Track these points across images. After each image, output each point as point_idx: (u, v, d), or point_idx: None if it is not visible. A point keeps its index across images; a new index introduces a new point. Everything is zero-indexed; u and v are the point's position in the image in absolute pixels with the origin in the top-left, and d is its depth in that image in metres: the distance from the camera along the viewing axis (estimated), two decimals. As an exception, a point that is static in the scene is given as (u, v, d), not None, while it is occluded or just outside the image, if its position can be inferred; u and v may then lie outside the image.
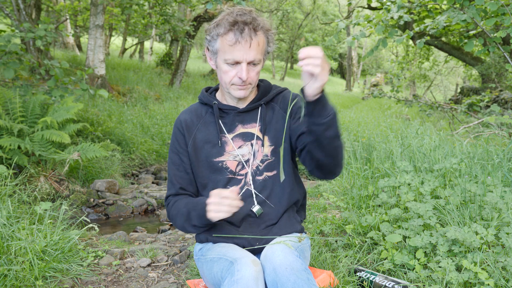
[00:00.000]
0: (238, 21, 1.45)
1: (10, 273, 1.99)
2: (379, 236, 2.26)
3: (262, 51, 1.51)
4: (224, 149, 1.61)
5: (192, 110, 1.70)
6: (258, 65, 1.52)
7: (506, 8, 3.54)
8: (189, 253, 2.57)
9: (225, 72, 1.52)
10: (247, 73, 1.49)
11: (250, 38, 1.46)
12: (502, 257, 1.84)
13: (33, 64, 5.42)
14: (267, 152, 1.61)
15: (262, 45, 1.51)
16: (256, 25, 1.48)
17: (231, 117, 1.63)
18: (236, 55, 1.46)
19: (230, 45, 1.46)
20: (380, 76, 26.09)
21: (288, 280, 1.29)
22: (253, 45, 1.47)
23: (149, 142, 6.22)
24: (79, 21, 14.49)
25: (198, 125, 1.66)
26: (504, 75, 9.60)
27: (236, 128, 1.63)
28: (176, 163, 1.66)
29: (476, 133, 4.49)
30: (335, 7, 33.33)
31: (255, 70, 1.52)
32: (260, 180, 1.60)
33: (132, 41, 21.80)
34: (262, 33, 1.50)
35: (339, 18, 4.80)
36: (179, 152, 1.66)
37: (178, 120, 1.68)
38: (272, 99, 1.68)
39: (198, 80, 13.73)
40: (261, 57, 1.52)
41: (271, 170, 1.60)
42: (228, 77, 1.52)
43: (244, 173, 1.60)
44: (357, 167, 3.55)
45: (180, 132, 1.66)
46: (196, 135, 1.64)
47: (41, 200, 3.78)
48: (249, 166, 1.60)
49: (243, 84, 1.52)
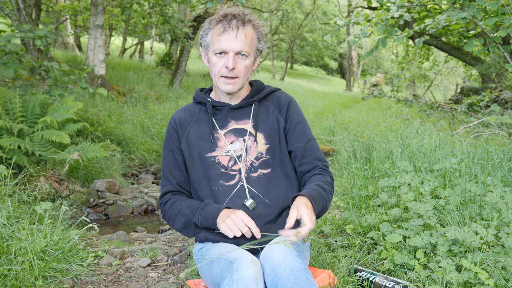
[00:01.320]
0: (228, 14, 1.53)
1: (10, 273, 1.99)
2: (379, 236, 2.26)
3: (250, 44, 1.55)
4: (216, 144, 1.64)
5: (186, 109, 1.74)
6: (247, 59, 1.56)
7: (506, 8, 3.54)
8: (189, 253, 2.57)
9: (214, 64, 1.57)
10: (233, 63, 1.52)
11: (237, 28, 1.52)
12: (502, 257, 1.84)
13: (33, 65, 5.42)
14: (262, 150, 1.63)
15: (251, 38, 1.55)
16: (244, 18, 1.54)
17: (224, 113, 1.67)
18: (223, 44, 1.52)
19: (218, 34, 1.53)
20: (380, 76, 26.08)
21: (288, 280, 1.29)
22: (240, 36, 1.52)
23: (149, 142, 6.22)
24: (79, 21, 14.49)
25: (191, 122, 1.69)
26: (504, 75, 9.59)
27: (229, 124, 1.66)
28: (171, 161, 1.69)
29: (476, 133, 4.49)
30: (335, 7, 33.32)
31: (244, 63, 1.55)
32: (254, 177, 1.62)
33: (132, 41, 21.80)
34: (251, 27, 1.56)
35: (339, 18, 4.80)
36: (173, 150, 1.69)
37: (172, 119, 1.72)
38: (266, 97, 1.72)
39: (198, 80, 13.73)
40: (250, 50, 1.55)
41: (266, 168, 1.62)
42: (216, 69, 1.56)
43: (237, 169, 1.62)
44: (357, 167, 3.55)
45: (174, 129, 1.70)
46: (189, 132, 1.68)
47: (41, 200, 3.78)
48: (242, 161, 1.62)
49: (231, 76, 1.55)
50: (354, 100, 17.75)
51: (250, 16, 1.56)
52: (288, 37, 31.32)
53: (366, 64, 39.37)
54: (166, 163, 1.70)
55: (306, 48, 35.76)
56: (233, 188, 1.61)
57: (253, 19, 1.58)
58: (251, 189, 1.61)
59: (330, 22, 6.40)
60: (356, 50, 31.79)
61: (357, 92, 25.49)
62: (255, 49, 1.59)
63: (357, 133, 5.95)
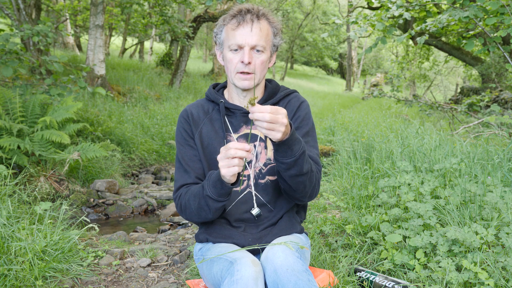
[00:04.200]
0: (242, 9, 1.51)
1: (10, 273, 1.99)
2: (379, 236, 2.25)
3: (266, 38, 1.51)
4: None
5: (199, 105, 1.69)
6: (263, 54, 1.52)
7: (506, 8, 3.54)
8: (189, 253, 2.57)
9: (230, 60, 1.53)
10: (249, 57, 1.48)
11: (251, 21, 1.48)
12: (502, 257, 1.84)
13: (33, 64, 5.42)
14: (270, 156, 1.60)
15: (266, 33, 1.52)
16: (259, 13, 1.51)
17: (237, 117, 1.63)
18: (238, 39, 1.48)
19: (232, 29, 1.50)
20: (380, 76, 26.07)
21: (289, 281, 1.29)
22: (255, 29, 1.48)
23: (149, 142, 6.22)
24: (79, 21, 14.48)
25: (205, 120, 1.65)
26: (504, 75, 9.59)
27: (241, 128, 1.62)
28: (188, 153, 1.61)
29: (476, 133, 4.49)
30: (335, 7, 33.32)
31: (260, 58, 1.51)
32: (262, 183, 1.59)
33: (132, 41, 21.79)
34: (266, 22, 1.52)
35: (337, 17, 4.84)
36: (188, 142, 1.62)
37: (185, 111, 1.66)
38: (279, 101, 1.66)
39: (198, 80, 13.72)
40: (265, 45, 1.51)
41: (273, 175, 1.60)
42: (232, 65, 1.52)
43: (247, 175, 1.60)
44: (357, 167, 3.55)
45: (187, 121, 1.64)
46: (202, 130, 1.63)
47: (41, 200, 3.78)
48: (252, 167, 1.60)
49: (247, 71, 1.50)
50: (354, 100, 17.74)
51: (264, 11, 1.53)
52: (288, 37, 31.31)
53: (366, 64, 39.37)
54: (183, 155, 1.60)
55: (306, 48, 35.77)
56: (240, 194, 1.59)
57: (268, 14, 1.54)
58: (258, 196, 1.59)
59: (329, 22, 6.42)
60: (356, 50, 31.78)
61: (357, 92, 25.48)
62: (271, 44, 1.55)
63: (357, 133, 5.95)
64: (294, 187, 1.46)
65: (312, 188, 1.51)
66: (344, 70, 41.00)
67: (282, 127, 1.26)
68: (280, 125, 1.26)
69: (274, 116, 1.23)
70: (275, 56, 1.62)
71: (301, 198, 1.53)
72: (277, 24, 1.56)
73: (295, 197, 1.53)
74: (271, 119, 1.23)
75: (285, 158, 1.36)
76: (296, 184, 1.45)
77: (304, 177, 1.44)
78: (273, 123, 1.24)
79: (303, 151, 1.38)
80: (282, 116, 1.26)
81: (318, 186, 1.55)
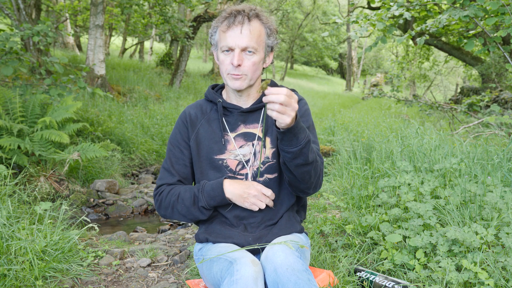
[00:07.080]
0: (233, 10, 1.51)
1: (10, 273, 1.99)
2: (379, 236, 2.25)
3: (258, 39, 1.51)
4: (225, 147, 1.61)
5: (197, 106, 1.71)
6: (255, 55, 1.52)
7: (506, 8, 3.54)
8: (189, 253, 2.57)
9: (222, 62, 1.55)
10: (239, 59, 1.49)
11: (241, 24, 1.48)
12: (502, 257, 1.84)
13: (33, 64, 5.43)
14: (269, 154, 1.60)
15: (258, 34, 1.51)
16: (251, 14, 1.51)
17: (234, 116, 1.63)
18: (229, 41, 1.49)
19: (223, 31, 1.51)
20: (380, 76, 26.07)
21: (289, 280, 1.29)
22: (245, 31, 1.48)
23: (149, 142, 6.22)
24: (79, 21, 14.49)
25: (202, 120, 1.66)
26: (504, 75, 9.59)
27: (239, 127, 1.63)
28: (176, 156, 1.66)
29: (476, 133, 4.49)
30: (335, 7, 33.33)
31: (251, 60, 1.51)
32: (260, 181, 1.60)
33: (132, 41, 21.80)
34: (258, 23, 1.52)
35: (337, 17, 4.85)
36: (180, 145, 1.66)
37: (184, 113, 1.69)
38: None
39: (198, 80, 13.72)
40: (257, 46, 1.51)
41: (272, 173, 1.60)
42: (224, 67, 1.54)
43: (245, 173, 1.60)
44: (357, 167, 3.55)
45: (185, 125, 1.66)
46: (199, 130, 1.65)
47: (41, 200, 3.78)
48: (249, 166, 1.60)
49: (237, 73, 1.51)
50: (354, 100, 17.74)
51: (257, 11, 1.52)
52: (288, 37, 31.32)
53: (366, 64, 39.37)
54: (171, 157, 1.66)
55: (306, 48, 35.77)
56: None
57: (261, 14, 1.53)
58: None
59: (330, 22, 6.43)
60: (356, 50, 31.79)
61: (357, 92, 25.48)
62: (264, 45, 1.54)
63: (357, 133, 5.95)
64: (300, 178, 1.47)
65: (317, 178, 1.52)
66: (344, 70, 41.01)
67: (293, 112, 1.29)
68: (291, 110, 1.28)
69: (288, 99, 1.27)
70: (271, 56, 1.62)
71: (305, 189, 1.53)
72: (270, 25, 1.56)
73: (300, 188, 1.53)
74: (285, 101, 1.26)
75: (291, 147, 1.38)
76: (301, 174, 1.46)
77: (309, 167, 1.45)
78: (286, 106, 1.27)
79: (308, 140, 1.40)
80: (295, 101, 1.29)
81: (322, 177, 1.57)
